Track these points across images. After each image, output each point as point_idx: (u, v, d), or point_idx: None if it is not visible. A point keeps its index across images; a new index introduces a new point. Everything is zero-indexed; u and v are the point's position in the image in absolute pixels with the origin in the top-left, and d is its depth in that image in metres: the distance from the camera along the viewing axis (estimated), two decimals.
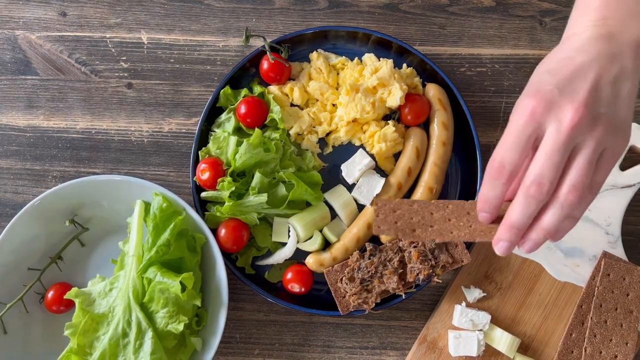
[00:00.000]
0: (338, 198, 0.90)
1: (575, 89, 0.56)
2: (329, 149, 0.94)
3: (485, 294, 0.89)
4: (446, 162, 0.92)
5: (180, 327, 0.78)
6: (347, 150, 0.94)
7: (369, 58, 0.94)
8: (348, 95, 0.89)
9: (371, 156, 0.92)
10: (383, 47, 0.95)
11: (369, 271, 0.84)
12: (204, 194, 0.88)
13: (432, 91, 0.92)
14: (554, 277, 0.90)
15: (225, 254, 0.86)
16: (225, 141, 0.88)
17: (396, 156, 0.94)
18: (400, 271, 0.85)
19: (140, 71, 0.98)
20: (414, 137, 0.91)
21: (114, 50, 0.98)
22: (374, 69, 0.92)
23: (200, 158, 0.89)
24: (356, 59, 0.94)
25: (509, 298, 0.90)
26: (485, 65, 0.99)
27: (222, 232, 0.85)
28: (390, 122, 0.92)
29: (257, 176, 0.84)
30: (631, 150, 0.93)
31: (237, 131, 0.90)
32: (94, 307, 0.80)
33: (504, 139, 0.58)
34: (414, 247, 0.85)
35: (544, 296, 0.90)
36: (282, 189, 0.86)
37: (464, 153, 0.93)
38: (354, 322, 0.93)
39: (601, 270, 0.87)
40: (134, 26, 0.99)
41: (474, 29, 0.99)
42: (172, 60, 0.98)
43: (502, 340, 0.86)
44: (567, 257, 0.90)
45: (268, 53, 0.90)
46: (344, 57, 0.95)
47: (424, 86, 0.94)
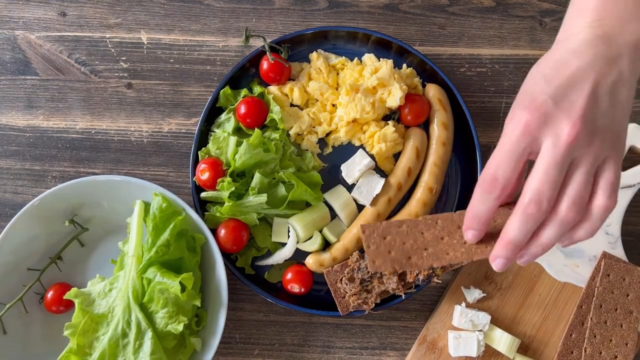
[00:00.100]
0: (338, 198, 0.90)
1: (571, 100, 0.54)
2: (329, 149, 0.94)
3: (485, 294, 0.89)
4: (446, 162, 0.92)
5: (180, 327, 0.78)
6: (347, 151, 0.94)
7: (368, 58, 0.94)
8: (348, 95, 0.89)
9: (371, 156, 0.92)
10: (383, 48, 0.95)
11: (368, 271, 0.84)
12: (203, 194, 0.88)
13: (432, 91, 0.92)
14: (554, 277, 0.90)
15: (225, 254, 0.86)
16: (225, 141, 0.88)
17: (396, 156, 0.94)
18: (400, 272, 0.85)
19: (140, 71, 0.98)
20: (413, 138, 0.91)
21: (113, 51, 0.98)
22: (373, 69, 0.92)
23: (200, 158, 0.89)
24: (356, 59, 0.94)
25: (508, 298, 0.90)
26: (485, 65, 0.99)
27: (222, 232, 0.85)
28: (390, 122, 0.92)
29: (257, 176, 0.84)
30: (631, 151, 0.93)
31: (237, 131, 0.90)
32: (93, 308, 0.80)
33: (497, 151, 0.57)
34: None
35: (543, 296, 0.90)
36: (281, 189, 0.86)
37: (464, 153, 0.93)
38: (353, 322, 0.92)
39: (601, 271, 0.87)
40: (133, 26, 0.99)
41: (473, 29, 0.99)
42: (172, 61, 0.98)
43: (502, 340, 0.86)
44: (567, 258, 0.90)
45: (268, 53, 0.90)
46: (343, 57, 0.95)
47: (423, 86, 0.94)
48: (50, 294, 0.86)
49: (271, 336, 0.92)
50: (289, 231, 0.88)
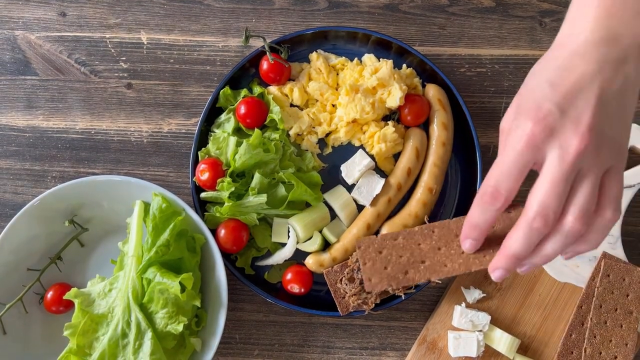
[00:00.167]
0: (338, 199, 0.90)
1: (578, 109, 0.52)
2: (329, 150, 0.94)
3: (485, 294, 0.89)
4: (446, 162, 0.92)
5: (180, 327, 0.78)
6: (346, 151, 0.94)
7: (368, 58, 0.94)
8: (348, 95, 0.89)
9: (371, 157, 0.92)
10: (383, 48, 0.95)
11: None
12: (203, 195, 0.88)
13: (432, 92, 0.92)
14: (554, 277, 0.90)
15: (225, 255, 0.86)
16: (225, 141, 0.88)
17: (396, 157, 0.94)
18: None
19: (140, 71, 0.98)
20: (413, 138, 0.91)
21: (113, 51, 0.98)
22: (373, 69, 0.92)
23: (199, 158, 0.89)
24: (356, 59, 0.94)
25: (508, 299, 0.90)
26: (485, 65, 0.99)
27: (222, 232, 0.85)
28: (390, 122, 0.92)
29: (257, 177, 0.84)
30: (631, 151, 0.93)
31: (237, 131, 0.90)
32: (93, 308, 0.80)
33: (500, 162, 0.55)
34: None
35: (543, 297, 0.89)
36: (281, 190, 0.86)
37: (463, 153, 0.93)
38: (353, 322, 0.92)
39: (601, 271, 0.87)
40: (133, 26, 0.99)
41: (473, 29, 0.99)
42: (172, 61, 0.98)
43: (501, 340, 0.86)
44: None
45: (268, 53, 0.90)
46: (343, 57, 0.95)
47: (423, 87, 0.94)
48: (50, 294, 0.86)
49: (271, 336, 0.92)
50: (288, 231, 0.88)
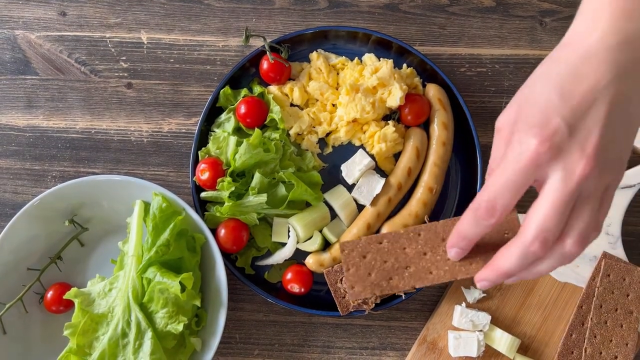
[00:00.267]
0: (338, 198, 0.90)
1: (586, 127, 0.49)
2: (329, 149, 0.94)
3: (485, 294, 0.89)
4: (446, 162, 0.92)
5: (180, 327, 0.78)
6: (347, 151, 0.94)
7: (369, 58, 0.93)
8: (348, 95, 0.89)
9: (371, 156, 0.92)
10: (383, 47, 0.95)
11: None
12: (203, 194, 0.88)
13: (432, 91, 0.92)
14: (554, 277, 0.90)
15: (225, 254, 0.86)
16: (225, 141, 0.88)
17: (396, 156, 0.94)
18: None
19: (140, 71, 0.98)
20: (414, 137, 0.91)
21: (113, 50, 0.98)
22: (374, 69, 0.91)
23: (200, 158, 0.89)
24: (356, 59, 0.94)
25: (509, 299, 0.90)
26: (485, 65, 0.99)
27: (222, 232, 0.85)
28: (390, 122, 0.92)
29: (257, 176, 0.84)
30: (631, 151, 0.93)
31: (237, 131, 0.90)
32: (93, 307, 0.80)
33: (499, 177, 0.51)
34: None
35: (544, 297, 0.89)
36: (281, 189, 0.86)
37: (464, 153, 0.93)
38: (353, 322, 0.92)
39: (601, 271, 0.87)
40: (133, 26, 0.99)
41: (474, 29, 0.99)
42: (172, 60, 0.98)
43: (502, 340, 0.86)
44: None
45: (268, 53, 0.90)
46: (344, 57, 0.95)
47: (424, 86, 0.94)
48: (50, 294, 0.86)
49: (271, 336, 0.92)
50: (289, 231, 0.88)
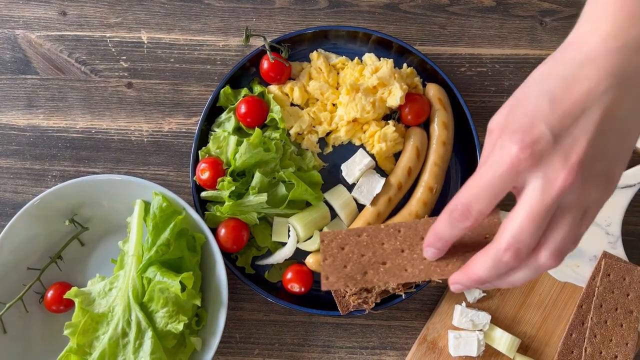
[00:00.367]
0: (338, 198, 0.90)
1: (573, 137, 0.46)
2: (329, 149, 0.94)
3: (485, 294, 0.89)
4: (446, 161, 0.92)
5: (180, 326, 0.78)
6: (347, 150, 0.94)
7: (369, 58, 0.94)
8: (348, 95, 0.89)
9: (371, 156, 0.92)
10: (383, 47, 0.95)
11: None
12: (203, 194, 0.88)
13: (433, 91, 0.92)
14: (554, 277, 0.90)
15: (225, 254, 0.86)
16: (225, 141, 0.88)
17: (396, 156, 0.94)
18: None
19: (140, 71, 0.98)
20: (414, 137, 0.91)
21: (113, 50, 0.98)
22: (374, 68, 0.92)
23: (200, 157, 0.89)
24: (356, 58, 0.94)
25: (509, 298, 0.90)
26: (485, 65, 0.99)
27: (222, 231, 0.85)
28: (390, 121, 0.92)
29: (257, 176, 0.84)
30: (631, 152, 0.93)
31: (237, 131, 0.90)
32: (93, 307, 0.80)
33: (476, 181, 0.50)
34: None
35: (544, 296, 0.89)
36: (282, 189, 0.86)
37: (464, 153, 0.93)
38: (353, 322, 0.92)
39: (601, 271, 0.87)
40: (134, 26, 0.99)
41: (474, 28, 0.99)
42: (172, 60, 0.98)
43: (502, 340, 0.86)
44: (567, 257, 0.89)
45: (268, 53, 0.90)
46: (344, 56, 0.95)
47: (424, 86, 0.94)
48: (50, 294, 0.86)
49: (271, 336, 0.92)
50: (289, 231, 0.88)
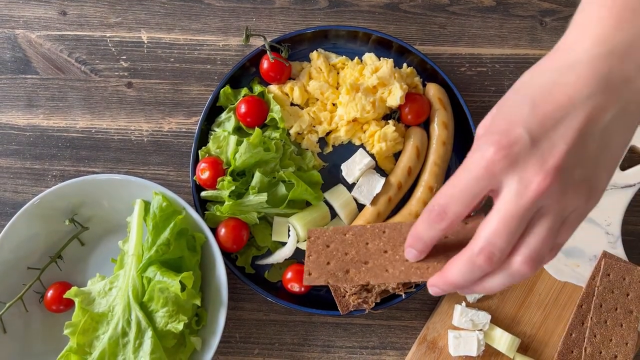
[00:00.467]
0: (338, 198, 0.90)
1: (551, 141, 0.45)
2: (329, 149, 0.94)
3: (485, 293, 0.89)
4: (446, 161, 0.92)
5: (180, 326, 0.78)
6: (347, 150, 0.94)
7: (369, 57, 0.94)
8: (348, 94, 0.89)
9: (371, 156, 0.92)
10: (383, 47, 0.95)
11: None
12: (203, 194, 0.88)
13: (433, 91, 0.92)
14: (554, 277, 0.90)
15: (225, 254, 0.86)
16: (225, 140, 0.88)
17: (396, 156, 0.94)
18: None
19: (140, 70, 0.98)
20: (414, 137, 0.91)
21: (114, 50, 0.98)
22: (374, 68, 0.92)
23: (200, 157, 0.89)
24: (356, 58, 0.94)
25: (509, 298, 0.90)
26: (485, 65, 0.99)
27: (222, 231, 0.85)
28: (390, 121, 0.92)
29: (257, 175, 0.84)
30: (631, 150, 0.93)
31: (237, 130, 0.90)
32: (93, 306, 0.80)
33: (453, 183, 0.50)
34: None
35: (544, 296, 0.89)
36: (282, 189, 0.86)
37: (464, 153, 0.93)
38: (353, 321, 0.92)
39: (601, 270, 0.87)
40: (134, 25, 0.99)
41: (474, 28, 0.99)
42: (172, 60, 0.98)
43: (502, 340, 0.86)
44: (567, 257, 0.90)
45: (268, 52, 0.90)
46: (344, 56, 0.95)
47: (424, 86, 0.94)
48: (50, 293, 0.86)
49: (271, 335, 0.92)
50: (289, 230, 0.88)
